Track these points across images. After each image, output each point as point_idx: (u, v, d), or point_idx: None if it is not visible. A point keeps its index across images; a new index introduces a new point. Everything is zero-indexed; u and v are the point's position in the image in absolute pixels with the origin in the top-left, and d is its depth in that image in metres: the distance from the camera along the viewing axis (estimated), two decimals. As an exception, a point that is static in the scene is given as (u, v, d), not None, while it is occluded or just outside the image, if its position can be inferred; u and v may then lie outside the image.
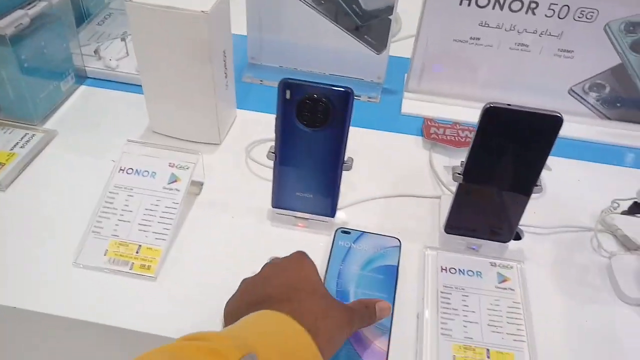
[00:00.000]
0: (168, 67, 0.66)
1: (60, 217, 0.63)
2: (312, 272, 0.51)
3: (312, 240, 0.63)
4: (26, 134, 0.71)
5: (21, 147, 0.69)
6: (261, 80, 0.85)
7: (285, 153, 0.58)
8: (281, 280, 0.50)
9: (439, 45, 0.77)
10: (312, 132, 0.55)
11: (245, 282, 0.52)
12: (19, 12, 0.68)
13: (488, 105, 0.51)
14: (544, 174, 0.71)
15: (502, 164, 0.54)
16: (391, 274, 0.59)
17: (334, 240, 0.62)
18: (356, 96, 0.82)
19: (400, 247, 0.62)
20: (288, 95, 0.54)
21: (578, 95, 0.79)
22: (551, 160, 0.72)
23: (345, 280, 0.58)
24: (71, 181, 0.68)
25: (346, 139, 0.56)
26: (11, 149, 0.69)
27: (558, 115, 0.50)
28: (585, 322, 0.57)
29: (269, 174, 0.62)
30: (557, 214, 0.67)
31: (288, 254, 0.54)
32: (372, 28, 0.79)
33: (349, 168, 0.58)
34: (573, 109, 0.80)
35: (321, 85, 0.53)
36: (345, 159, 0.58)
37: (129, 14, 0.63)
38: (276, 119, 0.56)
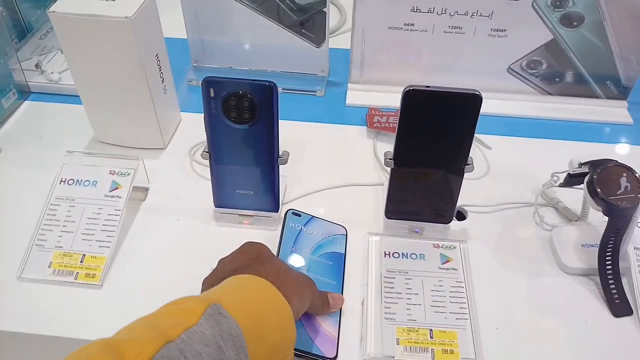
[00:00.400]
0: (102, 76, 0.66)
1: (5, 232, 0.63)
2: (266, 247, 0.52)
3: (258, 237, 0.63)
4: (-32, 153, 0.71)
5: (-38, 167, 0.69)
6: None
7: (218, 152, 0.58)
8: (240, 257, 0.51)
9: (375, 33, 0.77)
10: (242, 129, 0.56)
11: (205, 279, 0.52)
12: (-51, 32, 0.68)
13: (407, 89, 0.51)
14: (486, 153, 0.73)
15: (429, 146, 0.55)
16: (339, 261, 0.60)
17: (285, 221, 0.62)
18: (307, 91, 0.83)
19: (346, 235, 0.62)
20: (212, 93, 0.54)
21: (517, 73, 0.80)
22: (492, 139, 0.74)
23: (297, 262, 0.58)
24: (16, 196, 0.67)
25: (277, 133, 0.56)
26: (-48, 170, 0.68)
27: (477, 93, 0.50)
28: (528, 295, 0.58)
29: (211, 174, 0.62)
30: (500, 191, 0.68)
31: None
32: (310, 22, 0.79)
33: (284, 162, 0.58)
34: (514, 87, 0.81)
35: (243, 81, 0.54)
36: (280, 152, 0.58)
37: (55, 25, 0.63)
38: (204, 117, 0.56)
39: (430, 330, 0.53)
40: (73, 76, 0.68)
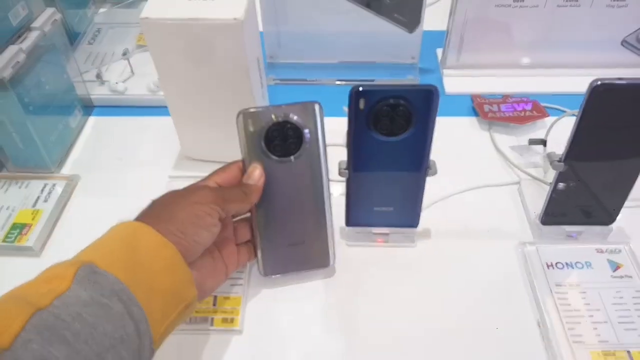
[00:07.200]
0: (200, 86, 0.58)
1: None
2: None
3: (393, 255, 0.56)
4: (45, 184, 0.63)
5: (44, 202, 0.61)
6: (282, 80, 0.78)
7: (360, 168, 0.51)
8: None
9: (479, 13, 0.70)
10: (392, 141, 0.48)
11: None
12: (12, 49, 0.59)
13: (596, 84, 0.44)
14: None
15: (612, 144, 0.48)
16: None
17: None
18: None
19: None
20: (362, 105, 0.46)
21: (631, 45, 0.73)
22: None
23: None
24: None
25: (430, 142, 0.49)
26: (34, 206, 0.60)
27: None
28: None
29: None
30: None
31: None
32: (402, 3, 0.71)
33: (434, 173, 0.51)
34: (626, 60, 0.74)
35: (399, 88, 0.46)
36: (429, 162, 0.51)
37: (146, 33, 0.54)
38: (348, 133, 0.48)
39: (628, 351, 0.47)
40: (163, 88, 0.59)
